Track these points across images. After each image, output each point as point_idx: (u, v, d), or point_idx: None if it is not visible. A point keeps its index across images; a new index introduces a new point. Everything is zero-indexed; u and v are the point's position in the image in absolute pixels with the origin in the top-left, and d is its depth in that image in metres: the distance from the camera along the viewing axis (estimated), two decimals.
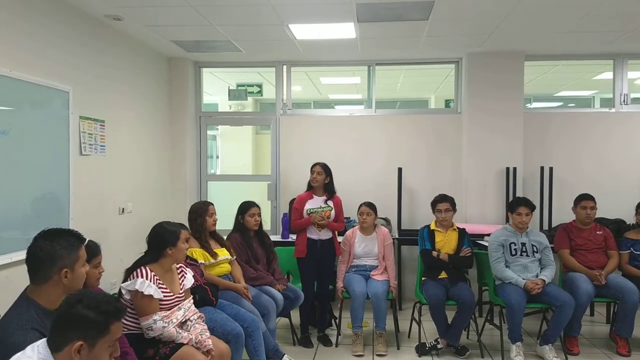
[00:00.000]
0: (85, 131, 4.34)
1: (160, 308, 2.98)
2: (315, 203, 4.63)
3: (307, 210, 4.59)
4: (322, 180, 4.64)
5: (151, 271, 2.99)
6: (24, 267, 2.13)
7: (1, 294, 3.25)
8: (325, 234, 4.65)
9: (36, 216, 3.70)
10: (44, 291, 2.08)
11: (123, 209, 4.99)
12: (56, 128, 3.98)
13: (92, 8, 4.29)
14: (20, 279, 2.26)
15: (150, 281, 2.94)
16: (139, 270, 2.98)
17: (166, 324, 2.91)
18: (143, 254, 3.14)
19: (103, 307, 1.74)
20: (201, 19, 4.54)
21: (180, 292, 3.14)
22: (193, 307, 3.19)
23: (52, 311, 2.09)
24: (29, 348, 1.72)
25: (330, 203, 4.66)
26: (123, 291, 2.99)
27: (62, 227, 2.22)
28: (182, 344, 2.91)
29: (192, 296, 3.26)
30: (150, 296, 2.91)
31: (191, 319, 3.09)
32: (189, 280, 3.24)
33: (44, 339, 1.74)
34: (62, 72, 4.05)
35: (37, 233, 2.15)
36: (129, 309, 2.98)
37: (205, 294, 3.51)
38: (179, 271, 3.22)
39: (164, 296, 2.99)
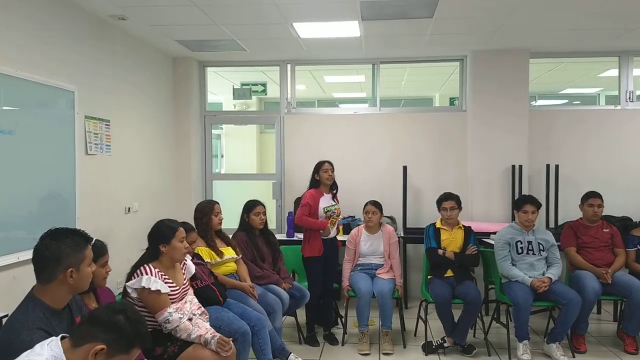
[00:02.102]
0: (91, 131, 4.35)
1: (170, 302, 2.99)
2: (327, 201, 4.64)
3: (323, 208, 4.58)
4: (334, 177, 4.65)
5: (154, 267, 3.01)
6: (31, 267, 2.13)
7: (8, 293, 3.29)
8: (334, 232, 4.68)
9: (42, 216, 3.71)
10: (50, 290, 2.08)
11: (129, 208, 5.01)
12: (62, 128, 3.99)
13: (97, 8, 4.30)
14: (27, 278, 2.26)
15: (155, 277, 2.95)
16: (142, 268, 2.99)
17: (182, 315, 2.93)
18: (144, 251, 3.16)
19: (138, 327, 1.77)
20: (205, 18, 4.54)
21: (184, 282, 3.16)
22: (195, 299, 3.20)
23: (58, 311, 2.09)
24: (37, 346, 1.72)
25: (335, 200, 4.69)
26: (129, 290, 3.00)
27: (69, 227, 2.22)
28: (190, 343, 2.91)
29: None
30: (158, 291, 2.92)
31: (195, 313, 3.10)
32: (190, 267, 3.29)
33: (57, 337, 1.74)
34: (67, 72, 4.06)
35: (44, 232, 2.16)
36: (136, 307, 2.98)
37: (212, 294, 3.51)
38: (180, 263, 3.24)
39: (171, 290, 3.00)
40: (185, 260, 3.28)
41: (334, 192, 4.73)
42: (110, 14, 4.44)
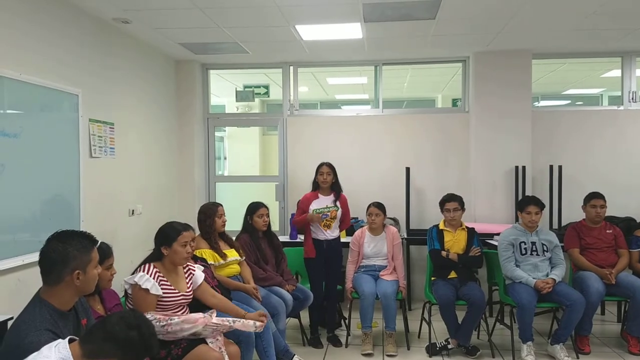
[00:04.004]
0: (95, 134, 4.36)
1: (165, 307, 3.00)
2: (322, 203, 4.63)
3: (313, 210, 4.58)
4: (331, 180, 4.65)
5: (154, 267, 3.03)
6: (36, 269, 2.15)
7: (14, 295, 3.31)
8: (331, 234, 4.66)
9: (47, 218, 3.72)
10: (57, 292, 2.10)
11: (133, 210, 5.02)
12: (66, 131, 4.01)
13: (101, 11, 4.32)
14: (32, 281, 2.28)
15: (151, 276, 2.97)
16: (142, 266, 3.04)
17: (164, 323, 2.87)
18: (152, 251, 3.19)
19: (151, 342, 1.80)
20: (208, 21, 4.56)
21: (188, 290, 3.15)
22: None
23: (65, 312, 2.11)
24: (45, 348, 1.73)
25: (337, 203, 4.67)
26: (126, 286, 3.05)
27: (75, 229, 2.24)
28: (194, 345, 2.92)
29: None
30: (147, 290, 2.93)
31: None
32: (198, 276, 3.25)
33: (65, 340, 1.75)
34: (72, 75, 4.07)
35: (50, 235, 2.17)
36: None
37: None
38: (185, 270, 3.23)
39: (165, 293, 3.01)
40: (194, 270, 3.27)
41: (338, 194, 4.72)
42: (114, 17, 4.46)
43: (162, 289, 3.01)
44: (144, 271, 2.99)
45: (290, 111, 6.37)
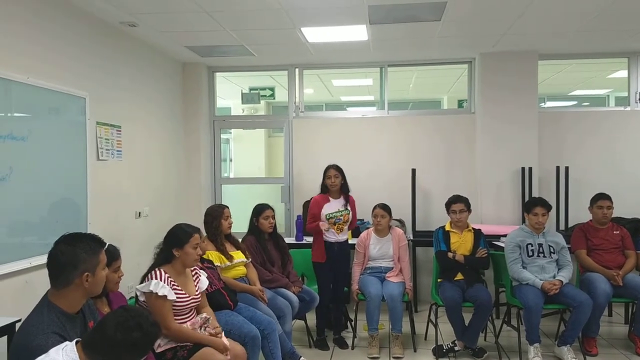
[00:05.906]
0: (102, 136, 4.39)
1: (175, 310, 3.01)
2: (333, 207, 4.61)
3: (325, 215, 4.57)
4: (340, 183, 4.64)
5: (165, 273, 3.04)
6: (43, 272, 2.16)
7: (21, 298, 3.33)
8: (342, 237, 4.66)
9: (54, 221, 3.74)
10: (65, 295, 2.10)
11: (140, 213, 5.04)
12: (73, 134, 4.03)
13: (108, 15, 4.34)
14: (40, 283, 2.29)
15: (165, 282, 2.98)
16: (153, 272, 3.04)
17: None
18: (158, 252, 3.20)
19: (156, 333, 1.83)
20: (215, 24, 4.58)
21: (196, 293, 3.16)
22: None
23: (73, 315, 2.12)
24: (52, 351, 1.74)
25: (347, 206, 4.66)
26: (138, 293, 3.04)
27: (83, 232, 2.25)
28: (200, 347, 2.93)
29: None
30: (165, 297, 2.94)
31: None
32: (203, 282, 3.27)
33: (72, 342, 1.76)
34: (79, 78, 4.10)
35: (58, 237, 2.18)
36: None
37: (222, 299, 3.53)
38: (193, 273, 3.25)
39: (178, 298, 3.03)
40: (200, 274, 3.29)
41: (347, 196, 4.68)
42: (121, 20, 4.48)
43: (175, 293, 3.02)
44: (156, 278, 2.98)
45: (296, 113, 6.38)
